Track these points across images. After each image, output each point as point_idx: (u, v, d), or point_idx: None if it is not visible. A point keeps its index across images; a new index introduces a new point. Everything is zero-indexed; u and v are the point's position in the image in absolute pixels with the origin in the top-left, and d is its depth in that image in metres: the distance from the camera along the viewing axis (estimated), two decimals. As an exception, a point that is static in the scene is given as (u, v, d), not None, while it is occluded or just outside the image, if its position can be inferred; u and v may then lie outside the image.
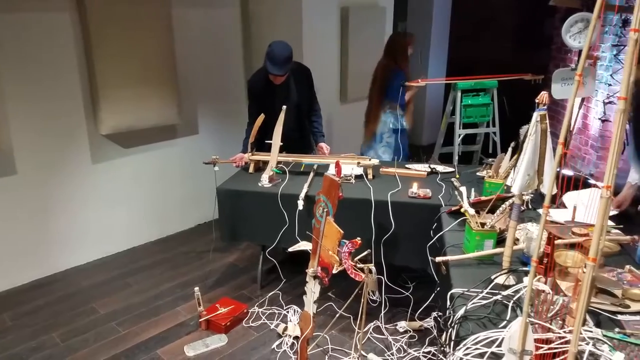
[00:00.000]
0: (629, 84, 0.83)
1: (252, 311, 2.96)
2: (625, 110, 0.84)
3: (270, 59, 3.12)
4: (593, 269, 0.82)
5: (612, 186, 0.85)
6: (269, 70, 3.14)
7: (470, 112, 4.26)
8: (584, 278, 0.81)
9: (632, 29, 0.86)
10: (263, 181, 2.92)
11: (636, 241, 1.94)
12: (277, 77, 3.20)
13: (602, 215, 0.81)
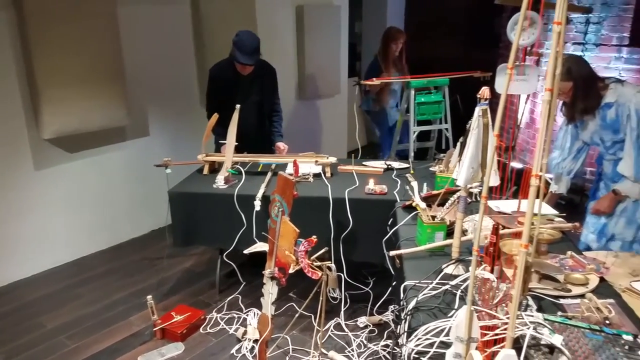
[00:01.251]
0: (555, 76, 0.86)
1: (210, 317, 2.91)
2: (552, 101, 0.88)
3: (240, 48, 3.09)
4: (525, 255, 0.85)
5: (541, 175, 0.88)
6: (238, 59, 3.12)
7: (423, 109, 4.34)
8: (518, 264, 0.84)
9: (555, 21, 0.90)
10: (218, 182, 2.87)
11: (577, 228, 2.03)
12: (245, 67, 3.17)
13: (532, 203, 0.84)
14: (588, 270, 1.71)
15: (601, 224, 2.58)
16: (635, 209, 2.45)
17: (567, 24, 4.52)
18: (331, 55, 5.09)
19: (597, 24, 4.34)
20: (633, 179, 2.39)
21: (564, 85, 2.38)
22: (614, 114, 2.41)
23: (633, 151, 2.38)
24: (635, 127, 2.35)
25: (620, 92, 2.40)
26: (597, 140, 2.55)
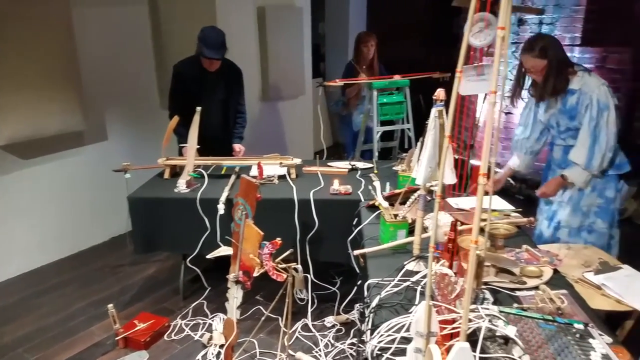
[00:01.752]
0: (498, 79, 0.89)
1: (174, 324, 2.86)
2: (496, 103, 0.91)
3: (206, 43, 3.06)
4: (475, 250, 0.87)
5: (490, 174, 0.91)
6: (205, 54, 3.09)
7: (386, 110, 4.41)
8: (469, 259, 0.87)
9: (499, 27, 0.93)
10: (180, 187, 2.83)
11: (532, 223, 2.10)
12: (213, 62, 3.15)
13: (480, 201, 0.87)
14: (542, 262, 1.77)
15: (552, 211, 2.66)
16: (580, 198, 2.53)
17: (522, 25, 4.68)
18: (295, 57, 5.09)
19: (551, 24, 4.50)
20: (583, 167, 2.45)
21: (539, 63, 2.43)
22: (574, 101, 2.46)
23: (589, 140, 2.42)
24: (594, 117, 2.41)
25: (585, 81, 2.44)
26: (552, 123, 2.60)
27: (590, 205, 2.54)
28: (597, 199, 2.53)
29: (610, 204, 2.54)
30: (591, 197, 2.53)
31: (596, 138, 2.41)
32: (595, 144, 2.41)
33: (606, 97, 2.40)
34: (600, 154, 2.41)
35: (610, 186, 2.52)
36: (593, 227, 2.55)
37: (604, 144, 2.40)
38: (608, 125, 2.40)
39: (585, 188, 2.51)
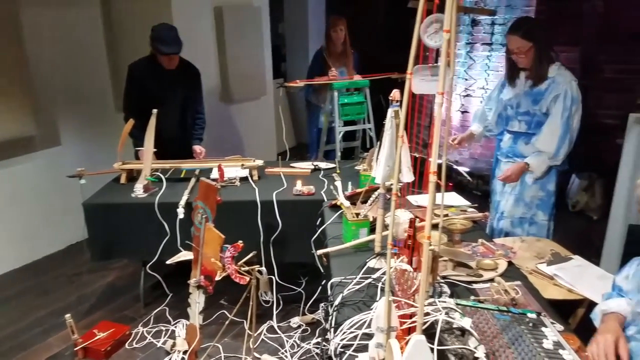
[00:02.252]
0: (446, 81, 0.92)
1: (136, 332, 2.80)
2: (443, 104, 0.94)
3: (160, 40, 3.01)
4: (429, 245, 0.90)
5: (440, 172, 0.94)
6: (162, 51, 3.03)
7: (347, 110, 4.45)
8: (423, 254, 0.89)
9: (445, 29, 0.96)
10: (137, 191, 2.77)
11: (487, 217, 2.17)
12: (171, 59, 3.09)
13: (432, 198, 0.89)
14: (497, 255, 1.84)
15: (497, 201, 2.77)
16: (523, 189, 2.63)
17: (476, 26, 4.82)
18: (254, 57, 5.06)
19: (503, 25, 4.65)
20: (551, 156, 2.50)
21: (524, 44, 2.44)
22: (544, 87, 2.50)
23: (560, 129, 2.47)
24: (568, 108, 2.45)
25: (561, 72, 2.50)
26: (513, 103, 2.64)
27: (533, 197, 2.64)
28: (539, 192, 2.63)
29: (551, 197, 2.64)
30: (534, 189, 2.62)
31: (567, 129, 2.46)
32: (567, 134, 2.47)
33: (578, 92, 2.47)
34: (567, 145, 2.48)
35: (552, 180, 2.62)
36: (534, 219, 2.65)
37: (571, 136, 2.47)
38: (575, 119, 2.48)
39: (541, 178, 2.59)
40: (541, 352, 1.23)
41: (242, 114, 5.13)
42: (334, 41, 4.42)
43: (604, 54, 4.33)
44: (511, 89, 2.66)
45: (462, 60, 5.01)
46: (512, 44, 2.50)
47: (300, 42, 6.56)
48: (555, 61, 2.52)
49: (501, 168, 2.77)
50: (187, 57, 3.41)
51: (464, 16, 4.88)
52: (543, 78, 2.51)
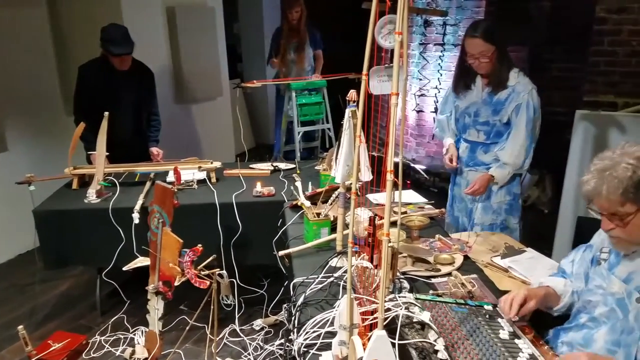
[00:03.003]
0: (399, 82, 0.94)
1: (93, 341, 2.71)
2: (399, 105, 0.95)
3: (110, 41, 2.93)
4: (388, 242, 0.92)
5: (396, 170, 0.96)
6: (112, 52, 2.95)
7: (306, 110, 4.47)
8: (382, 251, 0.91)
9: (396, 32, 0.98)
10: (90, 197, 2.69)
11: (443, 214, 2.23)
12: (123, 60, 3.01)
13: (389, 196, 0.91)
14: (454, 250, 1.89)
15: (469, 208, 2.70)
16: (489, 196, 2.57)
17: (428, 27, 4.93)
18: (209, 57, 5.00)
19: (454, 25, 4.78)
20: (519, 166, 2.45)
21: (487, 47, 2.31)
22: (504, 96, 2.40)
23: (527, 141, 2.39)
24: (532, 119, 2.38)
25: (521, 79, 2.39)
26: (470, 111, 2.53)
27: (501, 203, 2.57)
28: (506, 197, 2.57)
29: (518, 199, 2.61)
30: (500, 195, 2.56)
31: (533, 139, 2.41)
32: (532, 145, 2.42)
33: (538, 101, 2.40)
34: (532, 154, 2.44)
35: (516, 183, 2.59)
36: (505, 224, 2.60)
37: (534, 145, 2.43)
38: (537, 128, 2.43)
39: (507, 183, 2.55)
40: (498, 343, 1.28)
41: (198, 115, 5.05)
42: (290, 22, 4.44)
43: (551, 53, 4.53)
44: (466, 97, 2.55)
45: (416, 60, 5.12)
46: (474, 48, 2.35)
47: (256, 42, 6.51)
48: (513, 66, 2.43)
49: (465, 177, 2.67)
50: (139, 58, 3.33)
51: (416, 17, 4.98)
52: (503, 84, 2.41)
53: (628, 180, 1.22)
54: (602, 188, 1.25)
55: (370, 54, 1.06)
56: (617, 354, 1.30)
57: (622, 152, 1.27)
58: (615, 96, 3.87)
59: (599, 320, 1.38)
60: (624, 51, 3.74)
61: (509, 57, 2.43)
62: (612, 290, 1.35)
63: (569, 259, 1.62)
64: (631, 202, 1.24)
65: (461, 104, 2.60)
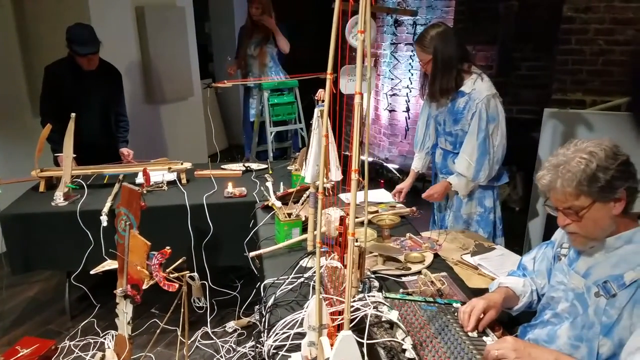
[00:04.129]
0: (363, 81, 0.95)
1: (62, 346, 2.65)
2: (361, 104, 0.95)
3: (75, 41, 2.88)
4: (353, 242, 0.92)
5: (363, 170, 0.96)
6: (78, 52, 2.89)
7: (278, 110, 4.45)
8: (348, 251, 0.91)
9: (359, 30, 0.98)
10: (57, 199, 2.62)
11: (414, 212, 2.24)
12: (90, 60, 2.94)
13: (353, 194, 0.91)
14: (424, 248, 1.90)
15: (441, 215, 2.70)
16: (460, 205, 2.53)
17: (399, 26, 4.96)
18: (180, 57, 4.93)
19: (424, 25, 4.83)
20: (470, 179, 2.38)
21: (424, 56, 2.30)
22: (462, 105, 2.34)
23: (477, 152, 2.31)
24: (483, 129, 2.29)
25: (477, 86, 2.30)
26: (440, 120, 2.50)
27: (471, 214, 2.52)
28: (477, 208, 2.50)
29: (490, 213, 2.51)
30: (470, 206, 2.50)
31: (485, 151, 2.31)
32: (485, 155, 2.32)
33: (495, 109, 2.29)
34: (488, 166, 2.33)
35: (488, 195, 2.49)
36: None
37: (492, 156, 2.32)
38: (496, 137, 2.31)
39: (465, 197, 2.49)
40: (466, 340, 1.29)
41: (169, 116, 4.98)
42: (251, 16, 4.41)
43: (520, 52, 4.61)
44: (434, 106, 2.51)
45: (388, 60, 5.15)
46: (417, 54, 2.39)
47: (228, 41, 6.46)
48: (471, 73, 2.34)
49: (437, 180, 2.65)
50: (108, 58, 3.27)
51: (387, 17, 5.01)
52: (447, 92, 2.34)
53: (581, 174, 1.25)
54: (557, 182, 1.28)
55: (335, 54, 1.05)
56: (580, 349, 1.32)
57: (575, 148, 1.30)
58: (583, 94, 3.97)
59: (562, 316, 1.41)
60: (591, 50, 3.84)
61: (451, 68, 2.30)
62: (572, 285, 1.38)
63: (530, 255, 1.65)
64: (585, 195, 1.26)
65: (432, 111, 2.57)
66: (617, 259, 1.29)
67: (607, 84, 3.86)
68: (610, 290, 1.27)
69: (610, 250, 1.31)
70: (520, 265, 1.68)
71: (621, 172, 1.24)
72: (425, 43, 2.30)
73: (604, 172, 1.24)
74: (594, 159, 1.25)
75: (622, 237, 1.29)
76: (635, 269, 1.25)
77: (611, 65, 3.84)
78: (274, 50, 4.52)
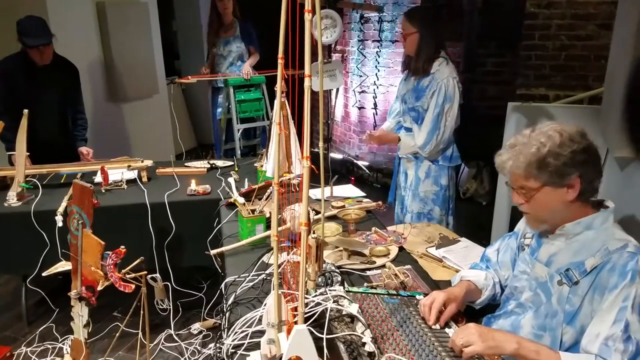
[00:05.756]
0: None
1: (18, 352, 2.54)
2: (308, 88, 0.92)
3: (25, 33, 2.78)
4: (306, 232, 0.88)
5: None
6: (27, 43, 2.79)
7: (245, 107, 4.39)
8: (301, 241, 0.87)
9: (306, 9, 0.94)
10: (10, 200, 2.50)
11: (380, 206, 2.22)
12: (43, 52, 2.83)
13: (306, 182, 0.87)
14: (389, 242, 1.88)
15: (402, 196, 2.79)
16: (418, 184, 2.66)
17: (366, 23, 4.95)
18: (143, 54, 4.81)
19: (391, 22, 4.83)
20: (418, 146, 2.55)
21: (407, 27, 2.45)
22: (426, 84, 2.49)
23: (430, 125, 2.48)
24: (440, 105, 2.45)
25: (442, 68, 2.46)
26: (405, 98, 2.63)
27: (427, 192, 2.65)
28: (433, 186, 2.64)
29: (445, 191, 2.66)
30: (427, 185, 2.64)
31: (435, 126, 2.48)
32: (435, 131, 2.49)
33: (453, 90, 2.45)
34: (435, 142, 2.50)
35: (444, 174, 2.64)
36: (432, 215, 2.68)
37: (440, 133, 2.49)
38: (447, 117, 2.47)
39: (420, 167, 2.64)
40: (428, 333, 1.27)
41: (133, 114, 4.84)
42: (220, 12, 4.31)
43: (485, 48, 4.67)
44: (405, 84, 2.66)
45: (355, 57, 5.13)
46: (402, 26, 2.53)
47: (194, 38, 6.35)
48: (439, 56, 2.50)
49: (400, 163, 2.78)
50: (68, 55, 3.16)
51: (353, 13, 5.00)
52: (419, 71, 2.50)
53: (532, 157, 1.25)
54: (509, 162, 1.29)
55: (285, 36, 1.01)
56: (544, 339, 1.32)
57: (538, 131, 1.30)
58: (546, 89, 4.04)
59: (525, 305, 1.40)
60: (554, 45, 3.90)
61: (432, 47, 2.47)
62: (535, 275, 1.38)
63: (493, 247, 1.64)
64: (535, 178, 1.26)
65: (402, 90, 2.70)
66: (577, 246, 1.29)
67: (570, 79, 3.94)
68: (573, 277, 1.27)
69: (570, 237, 1.31)
70: (483, 257, 1.67)
71: (573, 159, 1.23)
72: (413, 16, 2.47)
73: (554, 157, 1.23)
74: (548, 143, 1.24)
75: (581, 222, 1.29)
76: (595, 255, 1.24)
77: (573, 60, 3.91)
78: (242, 47, 4.44)
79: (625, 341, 1.13)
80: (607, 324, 1.16)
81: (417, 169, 2.67)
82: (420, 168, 2.66)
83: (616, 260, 1.21)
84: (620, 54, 2.19)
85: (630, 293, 1.16)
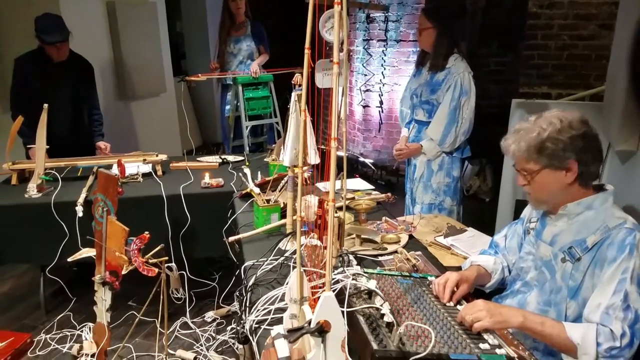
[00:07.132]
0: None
1: (38, 339, 2.62)
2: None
3: (43, 30, 2.85)
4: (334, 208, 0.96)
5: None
6: (45, 40, 2.87)
7: (253, 104, 4.46)
8: (329, 217, 0.95)
9: (335, 2, 1.02)
10: (30, 191, 2.59)
11: (390, 198, 2.30)
12: (59, 49, 2.91)
13: (333, 160, 0.95)
14: (399, 230, 1.97)
15: (410, 189, 2.89)
16: (430, 176, 2.76)
17: (371, 23, 5.04)
18: (152, 53, 4.90)
19: (396, 21, 4.91)
20: (437, 143, 2.65)
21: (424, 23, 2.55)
22: (441, 78, 2.59)
23: (446, 119, 2.57)
24: (456, 98, 2.54)
25: (457, 63, 2.57)
26: (418, 92, 2.74)
27: (440, 184, 2.75)
28: (446, 178, 2.74)
29: (457, 182, 2.77)
30: (440, 176, 2.75)
31: (454, 119, 2.57)
32: (452, 124, 2.58)
33: (469, 84, 2.56)
34: (454, 135, 2.60)
35: (456, 166, 2.75)
36: (443, 205, 2.78)
37: (459, 126, 2.59)
38: (465, 110, 2.57)
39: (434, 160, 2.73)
40: (441, 309, 1.35)
41: (142, 112, 4.93)
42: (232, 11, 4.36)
43: (488, 48, 4.75)
44: (417, 78, 2.76)
45: (361, 56, 5.22)
46: (419, 21, 2.63)
47: (200, 39, 6.43)
48: (455, 51, 2.60)
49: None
50: (80, 53, 3.23)
51: (359, 13, 5.08)
52: (437, 66, 2.59)
53: (532, 141, 1.35)
54: (512, 146, 1.40)
55: (312, 29, 1.09)
56: (549, 313, 1.41)
57: (543, 117, 1.38)
58: (549, 88, 4.12)
59: (531, 284, 1.49)
60: (556, 45, 3.99)
61: (449, 42, 2.58)
62: (540, 254, 1.47)
63: (501, 234, 1.73)
64: (534, 161, 1.36)
65: (413, 85, 2.81)
66: (579, 226, 1.38)
67: (571, 78, 4.02)
68: (575, 254, 1.35)
69: (572, 217, 1.40)
70: (491, 244, 1.76)
71: (572, 145, 1.32)
72: (431, 12, 2.60)
73: (553, 142, 1.32)
74: (548, 128, 1.33)
75: (582, 203, 1.38)
76: (596, 232, 1.34)
77: (575, 60, 4.00)
78: (253, 46, 4.51)
79: (624, 310, 1.22)
80: (608, 294, 1.25)
81: (429, 162, 2.76)
82: (434, 161, 2.75)
83: (615, 236, 1.30)
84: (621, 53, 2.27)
85: (629, 265, 1.25)
